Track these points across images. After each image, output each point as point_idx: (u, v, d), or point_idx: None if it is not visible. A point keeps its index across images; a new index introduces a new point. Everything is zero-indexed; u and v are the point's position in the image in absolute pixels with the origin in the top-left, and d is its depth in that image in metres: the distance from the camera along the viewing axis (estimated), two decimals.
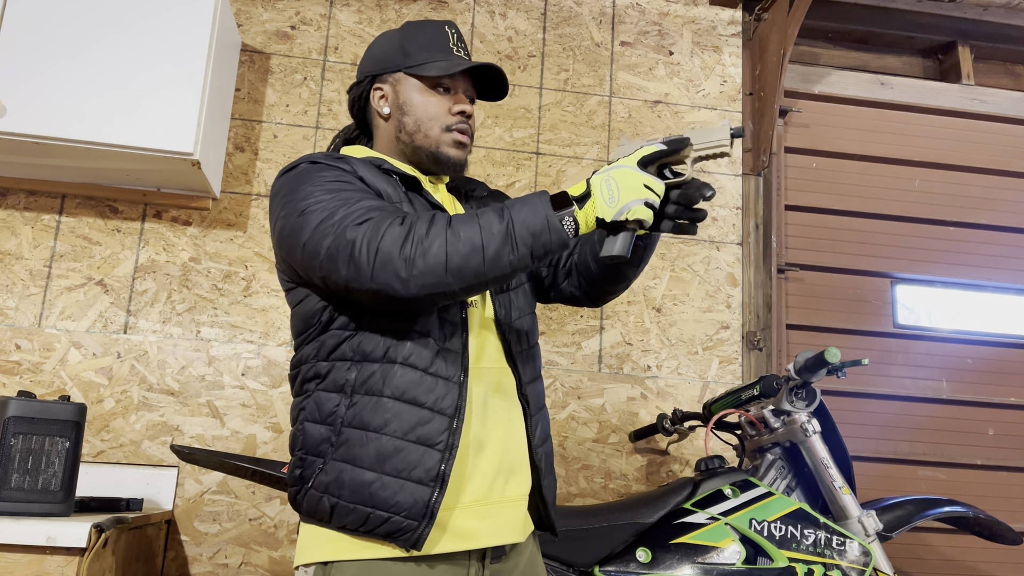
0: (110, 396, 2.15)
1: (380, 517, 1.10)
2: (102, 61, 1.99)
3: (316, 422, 1.18)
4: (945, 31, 2.81)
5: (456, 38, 1.35)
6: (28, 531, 1.46)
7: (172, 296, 2.23)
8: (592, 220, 1.11)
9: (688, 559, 1.64)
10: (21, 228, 2.22)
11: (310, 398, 1.20)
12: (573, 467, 2.30)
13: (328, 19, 2.49)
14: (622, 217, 1.10)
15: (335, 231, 1.11)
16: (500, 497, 1.20)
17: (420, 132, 1.31)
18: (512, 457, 1.23)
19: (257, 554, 2.12)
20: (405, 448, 1.12)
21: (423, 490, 1.11)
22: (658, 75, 2.61)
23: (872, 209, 2.67)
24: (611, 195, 1.10)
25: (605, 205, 1.10)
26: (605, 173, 1.13)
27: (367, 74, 1.36)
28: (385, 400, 1.14)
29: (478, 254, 1.08)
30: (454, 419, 1.15)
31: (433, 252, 1.07)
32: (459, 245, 1.08)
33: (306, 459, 1.18)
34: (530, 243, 1.08)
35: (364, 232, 1.09)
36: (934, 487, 2.52)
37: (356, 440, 1.13)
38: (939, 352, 2.62)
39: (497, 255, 1.08)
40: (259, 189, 2.34)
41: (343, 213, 1.12)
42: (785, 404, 1.82)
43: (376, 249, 1.08)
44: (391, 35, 1.36)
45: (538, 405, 1.32)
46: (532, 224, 1.08)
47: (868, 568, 1.66)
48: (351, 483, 1.11)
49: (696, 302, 2.46)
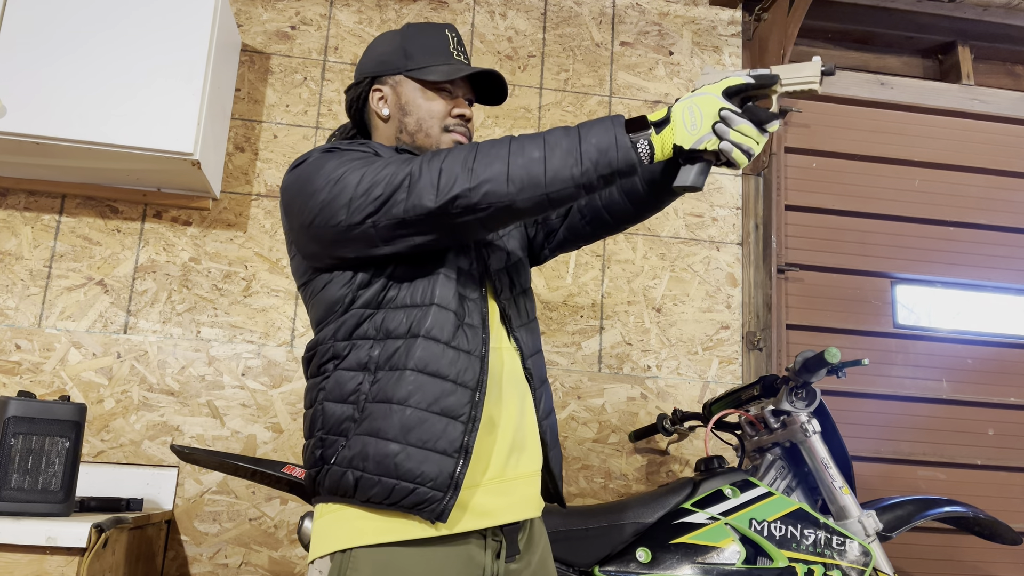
0: (110, 396, 2.15)
1: (406, 488, 1.10)
2: (102, 61, 1.99)
3: (338, 401, 1.18)
4: (945, 31, 2.81)
5: (456, 42, 1.36)
6: (28, 531, 1.46)
7: (172, 296, 2.23)
8: (669, 146, 1.09)
9: (688, 559, 1.65)
10: (21, 228, 2.22)
11: (329, 378, 1.20)
12: (573, 467, 2.30)
13: (328, 19, 2.49)
14: (702, 146, 1.07)
15: (386, 178, 1.11)
16: (514, 474, 1.21)
17: (422, 132, 1.31)
18: (523, 434, 1.24)
19: (257, 554, 2.12)
20: (429, 419, 1.12)
21: (448, 461, 1.11)
22: (658, 75, 2.61)
23: (872, 209, 2.67)
24: (693, 122, 1.07)
25: (686, 131, 1.07)
26: (688, 100, 1.09)
27: (366, 75, 1.36)
28: (408, 373, 1.14)
29: (539, 164, 1.06)
30: (476, 392, 1.16)
31: (496, 164, 1.07)
32: (521, 156, 1.07)
33: (327, 439, 1.17)
34: (595, 159, 1.06)
35: (420, 162, 1.10)
36: (934, 487, 2.52)
37: (380, 413, 1.13)
38: (939, 352, 2.62)
39: (560, 168, 1.06)
40: (259, 189, 2.34)
41: (385, 164, 1.13)
42: (785, 404, 1.82)
43: (440, 168, 1.09)
44: (391, 37, 1.36)
45: (541, 378, 1.32)
46: (601, 142, 1.06)
47: (868, 568, 1.66)
48: (376, 455, 1.11)
49: (696, 302, 2.46)
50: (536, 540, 1.29)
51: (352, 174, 1.14)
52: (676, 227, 2.50)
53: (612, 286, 2.43)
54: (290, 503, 2.16)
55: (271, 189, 2.34)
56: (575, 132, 1.08)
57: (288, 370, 2.23)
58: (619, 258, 2.45)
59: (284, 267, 2.29)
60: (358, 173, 1.14)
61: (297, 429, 2.20)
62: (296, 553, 2.13)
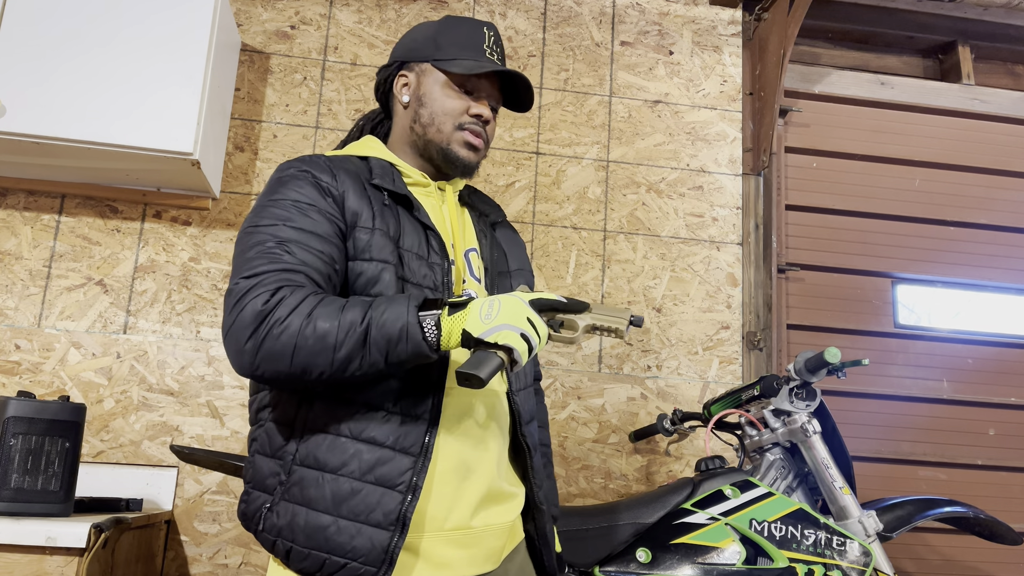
0: (110, 396, 2.15)
1: (336, 563, 1.04)
2: (102, 61, 1.98)
3: (266, 455, 1.12)
4: (945, 31, 2.81)
5: (492, 41, 1.31)
6: (28, 531, 1.46)
7: (172, 296, 2.23)
8: (457, 332, 1.01)
9: (688, 559, 1.64)
10: (21, 228, 2.21)
11: (262, 428, 1.15)
12: (573, 467, 2.30)
13: (328, 19, 2.49)
14: (491, 338, 1.00)
15: (243, 269, 1.07)
16: (483, 523, 1.16)
17: (433, 126, 1.28)
18: (501, 485, 1.19)
19: (257, 554, 2.12)
20: (363, 489, 1.06)
21: (382, 534, 1.04)
22: (658, 75, 2.61)
23: (872, 209, 2.67)
24: (488, 312, 1.01)
25: (478, 319, 1.01)
26: (492, 298, 1.04)
27: (396, 59, 1.34)
28: (343, 439, 1.08)
29: (327, 353, 1.00)
30: (419, 458, 1.08)
31: (283, 340, 1.00)
32: (310, 340, 1.00)
33: (251, 494, 1.12)
34: (384, 350, 1.01)
35: (246, 288, 1.04)
36: (934, 487, 2.52)
37: (310, 480, 1.06)
38: (939, 352, 2.62)
39: (347, 358, 1.01)
40: (259, 189, 2.33)
41: (259, 254, 1.07)
42: (785, 404, 1.82)
43: (238, 313, 1.02)
44: (428, 26, 1.34)
45: (530, 416, 1.29)
46: (391, 329, 1.00)
47: (868, 568, 1.66)
48: (305, 527, 1.05)
49: (696, 302, 2.45)
50: (512, 556, 1.24)
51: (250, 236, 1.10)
52: (676, 227, 2.50)
53: (612, 286, 2.43)
54: None
55: None
56: (370, 315, 1.01)
57: None
58: (619, 258, 2.45)
59: None
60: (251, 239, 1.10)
61: None
62: None
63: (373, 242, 1.14)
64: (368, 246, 1.14)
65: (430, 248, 1.19)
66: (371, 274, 1.13)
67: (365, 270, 1.13)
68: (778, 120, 2.62)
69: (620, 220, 2.47)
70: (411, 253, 1.17)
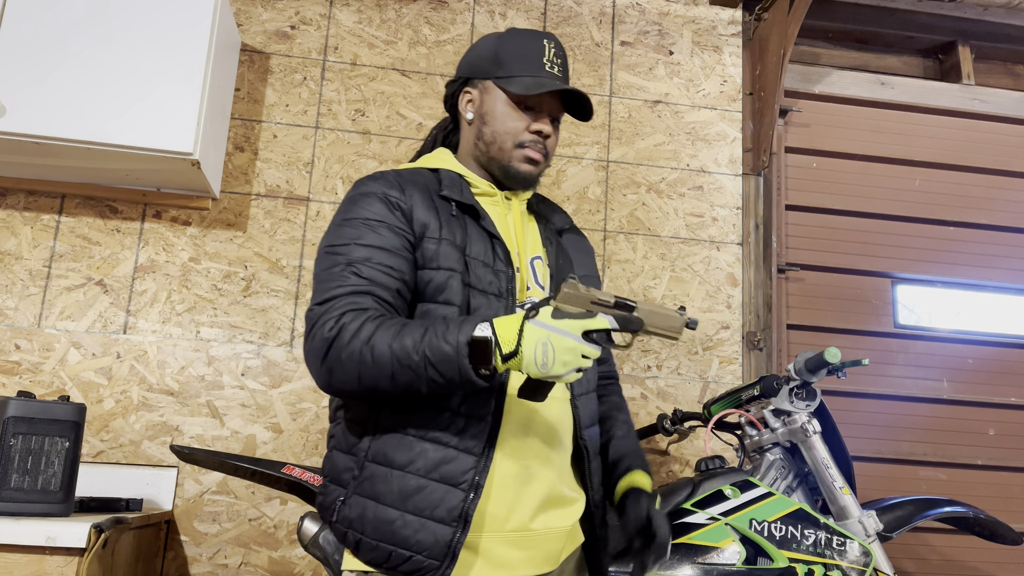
0: (110, 396, 2.15)
1: (401, 555, 1.11)
2: (102, 61, 1.98)
3: (342, 451, 1.20)
4: (945, 31, 2.80)
5: (553, 53, 1.34)
6: (28, 531, 1.46)
7: (172, 296, 2.23)
8: (515, 368, 1.08)
9: (688, 559, 1.64)
10: (21, 228, 2.21)
11: (340, 426, 1.23)
12: None
13: (328, 19, 2.49)
14: (548, 378, 1.08)
15: (318, 292, 1.17)
16: (543, 526, 1.20)
17: (495, 144, 1.33)
18: (562, 490, 1.23)
19: (257, 554, 2.12)
20: (428, 486, 1.12)
21: (445, 529, 1.10)
22: (658, 75, 2.61)
23: (872, 209, 2.67)
24: (544, 361, 1.06)
25: (535, 367, 1.06)
26: (544, 331, 1.07)
27: (460, 75, 1.39)
28: (410, 438, 1.14)
29: (386, 381, 1.10)
30: (482, 458, 1.14)
31: (348, 366, 1.10)
32: (370, 366, 1.09)
33: (328, 487, 1.20)
34: (442, 383, 1.08)
35: (318, 314, 1.14)
36: (934, 487, 2.52)
37: (380, 476, 1.14)
38: (940, 352, 2.62)
39: (408, 385, 1.09)
40: (259, 189, 2.33)
41: (331, 276, 1.17)
42: (785, 404, 1.82)
43: (311, 340, 1.14)
44: (490, 40, 1.37)
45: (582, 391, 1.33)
46: (445, 369, 1.07)
47: (868, 568, 1.66)
48: (374, 520, 1.12)
49: (696, 302, 2.45)
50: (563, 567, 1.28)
51: (327, 258, 1.21)
52: (676, 227, 2.50)
53: (612, 286, 2.43)
54: (290, 503, 2.15)
55: (271, 189, 2.34)
56: (423, 351, 1.07)
57: (288, 370, 2.23)
58: (619, 258, 2.45)
59: (284, 267, 2.29)
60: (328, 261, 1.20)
61: (297, 429, 2.20)
62: (296, 553, 2.13)
63: (440, 251, 1.21)
64: (436, 255, 1.21)
65: (496, 256, 1.25)
66: (439, 281, 1.19)
67: (433, 278, 1.20)
68: (778, 120, 2.62)
69: (620, 220, 2.47)
70: (477, 261, 1.23)
